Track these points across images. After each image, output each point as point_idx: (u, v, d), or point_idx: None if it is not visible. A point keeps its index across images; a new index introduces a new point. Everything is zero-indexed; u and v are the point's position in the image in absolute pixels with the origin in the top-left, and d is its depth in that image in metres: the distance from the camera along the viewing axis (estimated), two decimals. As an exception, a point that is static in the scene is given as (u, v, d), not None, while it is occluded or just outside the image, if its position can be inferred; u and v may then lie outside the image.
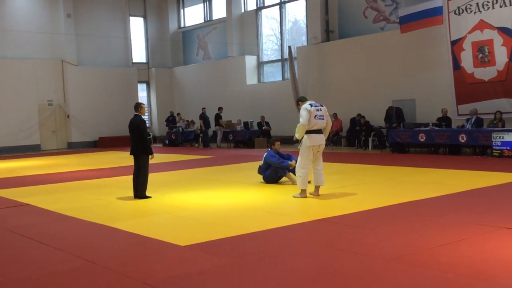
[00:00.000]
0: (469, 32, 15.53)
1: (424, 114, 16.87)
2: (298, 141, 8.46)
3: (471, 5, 15.41)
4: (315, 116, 8.25)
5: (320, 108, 8.38)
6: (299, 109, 8.44)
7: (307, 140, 8.26)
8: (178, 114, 25.57)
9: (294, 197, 8.43)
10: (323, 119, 8.37)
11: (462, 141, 14.09)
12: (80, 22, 25.16)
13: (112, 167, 14.97)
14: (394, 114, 16.76)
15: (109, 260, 5.34)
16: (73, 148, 24.49)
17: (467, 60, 15.67)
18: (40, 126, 24.10)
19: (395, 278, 4.42)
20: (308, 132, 8.24)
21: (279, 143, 10.36)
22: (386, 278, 4.45)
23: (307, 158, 8.32)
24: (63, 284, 4.66)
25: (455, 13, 15.82)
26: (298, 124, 8.31)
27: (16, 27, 23.37)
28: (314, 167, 8.44)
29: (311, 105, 8.33)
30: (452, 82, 16.10)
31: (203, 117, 22.00)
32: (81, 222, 7.30)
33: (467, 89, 15.74)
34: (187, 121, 24.23)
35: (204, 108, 22.29)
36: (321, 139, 8.37)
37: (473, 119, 14.55)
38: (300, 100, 8.68)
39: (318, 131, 8.33)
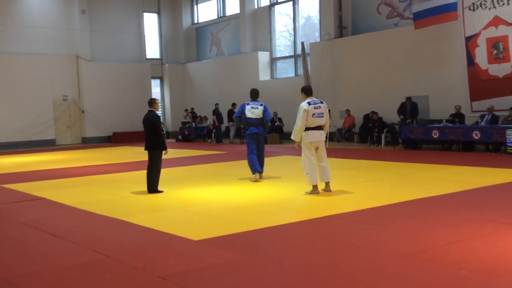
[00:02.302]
0: (484, 28, 15.41)
1: (438, 111, 16.77)
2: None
3: (486, 1, 15.29)
4: (313, 114, 8.24)
5: (319, 106, 8.34)
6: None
7: (305, 137, 8.30)
8: (186, 109, 25.70)
9: (306, 193, 8.45)
10: (322, 117, 8.35)
11: (476, 137, 13.99)
12: (95, 18, 25.33)
13: (126, 162, 15.09)
14: (409, 108, 16.64)
15: (123, 253, 5.40)
16: (88, 143, 24.70)
17: (481, 56, 15.55)
18: (55, 121, 24.33)
19: (407, 275, 4.43)
20: (306, 129, 8.26)
21: None
22: (397, 274, 4.46)
23: (310, 153, 8.34)
24: (77, 277, 4.73)
25: (469, 9, 15.70)
26: (295, 127, 8.32)
27: (32, 23, 23.58)
28: (319, 164, 8.42)
29: (309, 103, 8.29)
30: (466, 78, 15.99)
31: (216, 112, 22.10)
32: (95, 216, 7.39)
33: (481, 85, 15.63)
34: (200, 117, 24.33)
35: (217, 104, 22.37)
36: (320, 135, 8.36)
37: (489, 116, 14.44)
38: (303, 91, 8.60)
39: (318, 128, 8.33)
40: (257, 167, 10.19)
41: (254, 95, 10.82)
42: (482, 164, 11.53)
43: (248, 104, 10.67)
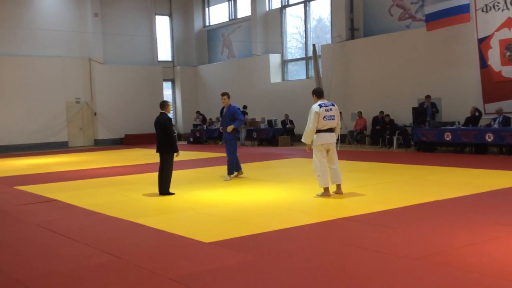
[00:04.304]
0: (497, 30, 15.30)
1: (450, 113, 16.67)
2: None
3: (498, 2, 15.18)
4: (324, 117, 8.22)
5: (330, 108, 8.32)
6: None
7: (317, 139, 8.30)
8: (197, 112, 25.78)
9: (317, 195, 8.43)
10: (333, 119, 8.33)
11: (489, 140, 13.88)
12: (107, 21, 25.51)
13: (137, 164, 15.15)
14: (429, 106, 16.36)
15: (134, 255, 5.42)
16: (100, 145, 24.86)
17: (494, 58, 15.44)
18: (67, 124, 24.52)
19: (419, 278, 4.40)
20: (317, 131, 8.26)
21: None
22: (409, 277, 4.43)
23: (321, 156, 8.33)
24: (90, 278, 4.75)
25: (482, 10, 15.60)
26: (306, 129, 8.30)
27: (45, 26, 23.79)
28: (330, 166, 8.41)
29: (320, 105, 8.26)
30: (479, 80, 15.88)
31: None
32: (107, 218, 7.43)
33: (494, 87, 15.51)
34: (210, 119, 24.41)
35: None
36: (331, 137, 8.34)
37: (500, 118, 14.32)
38: (315, 93, 8.58)
39: (329, 130, 8.32)
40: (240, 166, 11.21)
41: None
42: (495, 167, 11.43)
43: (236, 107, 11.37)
